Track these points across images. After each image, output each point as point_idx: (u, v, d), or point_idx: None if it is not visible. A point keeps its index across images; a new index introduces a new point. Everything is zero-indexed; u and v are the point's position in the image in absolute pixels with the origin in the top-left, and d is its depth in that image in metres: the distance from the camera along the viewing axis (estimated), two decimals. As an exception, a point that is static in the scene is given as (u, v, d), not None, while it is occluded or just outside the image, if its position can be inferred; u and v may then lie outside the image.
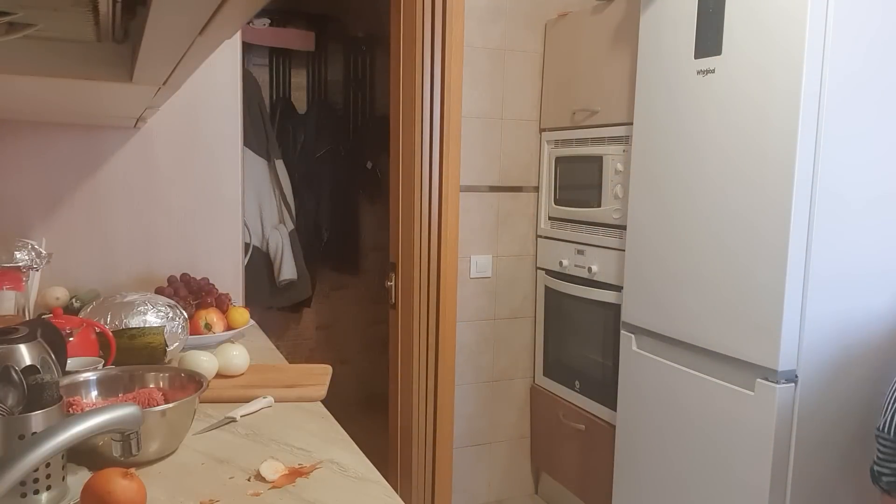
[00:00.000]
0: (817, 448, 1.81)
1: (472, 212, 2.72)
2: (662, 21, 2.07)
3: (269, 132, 3.35)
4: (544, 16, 2.75)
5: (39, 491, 0.93)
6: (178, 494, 1.04)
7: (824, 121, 1.69)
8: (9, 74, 0.93)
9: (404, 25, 2.61)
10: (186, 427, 1.21)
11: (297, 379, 1.55)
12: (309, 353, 3.99)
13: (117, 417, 0.83)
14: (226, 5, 0.56)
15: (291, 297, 3.49)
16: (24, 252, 1.68)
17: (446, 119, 2.59)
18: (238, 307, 1.95)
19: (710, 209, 1.92)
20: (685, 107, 1.99)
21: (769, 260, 1.75)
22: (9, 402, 0.91)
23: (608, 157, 2.41)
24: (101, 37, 0.84)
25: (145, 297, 1.67)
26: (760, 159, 1.77)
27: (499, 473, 2.94)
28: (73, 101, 1.37)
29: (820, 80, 1.68)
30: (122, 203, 2.05)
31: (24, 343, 0.94)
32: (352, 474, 1.13)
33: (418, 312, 2.69)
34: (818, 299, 1.74)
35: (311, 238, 3.67)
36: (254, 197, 3.27)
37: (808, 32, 1.65)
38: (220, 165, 2.15)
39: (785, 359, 1.74)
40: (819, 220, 1.72)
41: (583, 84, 2.56)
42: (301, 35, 3.57)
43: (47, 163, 1.97)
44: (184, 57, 0.79)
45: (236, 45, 2.14)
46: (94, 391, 1.24)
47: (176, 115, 2.04)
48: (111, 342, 1.46)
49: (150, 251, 2.08)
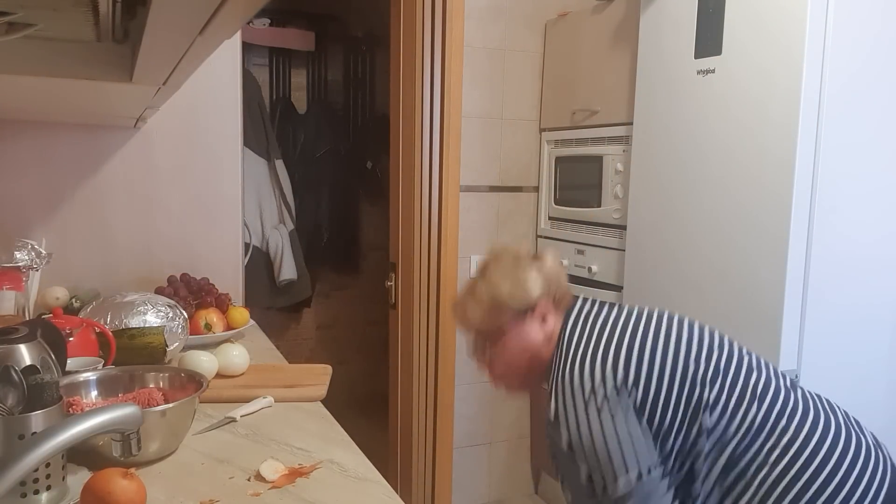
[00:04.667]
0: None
1: (472, 212, 2.72)
2: (662, 21, 2.07)
3: (269, 132, 3.35)
4: (544, 16, 2.74)
5: (39, 491, 0.93)
6: (178, 494, 1.04)
7: (824, 121, 1.69)
8: (9, 74, 0.93)
9: (404, 25, 2.61)
10: (186, 427, 1.21)
11: (296, 379, 1.55)
12: (309, 353, 3.98)
13: (117, 417, 0.83)
14: (226, 5, 0.56)
15: (291, 297, 3.49)
16: (24, 252, 1.67)
17: (446, 119, 2.59)
18: (238, 307, 1.95)
19: (710, 209, 1.92)
20: (685, 107, 1.99)
21: (769, 259, 1.75)
22: (9, 402, 0.91)
23: (608, 157, 2.41)
24: (101, 37, 0.84)
25: (145, 297, 1.67)
26: (760, 159, 1.77)
27: (498, 473, 2.94)
28: (73, 101, 1.37)
29: (820, 80, 1.68)
30: (122, 203, 2.05)
31: (24, 343, 0.94)
32: (352, 474, 1.13)
33: (418, 312, 2.69)
34: (819, 299, 1.74)
35: (311, 238, 3.67)
36: (254, 197, 3.27)
37: (809, 32, 1.65)
38: (220, 165, 2.15)
39: (785, 359, 1.74)
40: (819, 219, 1.72)
41: (583, 84, 2.56)
42: (301, 35, 3.57)
43: (47, 163, 1.97)
44: (184, 57, 0.80)
45: (236, 45, 2.14)
46: (94, 391, 1.24)
47: (176, 115, 2.03)
48: (111, 342, 1.46)
49: (150, 251, 2.08)
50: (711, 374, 1.18)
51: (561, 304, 1.31)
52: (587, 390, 1.16)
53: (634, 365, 1.17)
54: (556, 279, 1.30)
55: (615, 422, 1.14)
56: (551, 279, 1.29)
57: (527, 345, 1.28)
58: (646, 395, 1.16)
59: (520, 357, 1.30)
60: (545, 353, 1.29)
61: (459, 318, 1.35)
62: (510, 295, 1.26)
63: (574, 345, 1.23)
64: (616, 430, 1.14)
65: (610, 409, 1.15)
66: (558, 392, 1.20)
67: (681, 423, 1.16)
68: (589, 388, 1.16)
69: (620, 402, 1.15)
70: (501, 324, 1.28)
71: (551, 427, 1.22)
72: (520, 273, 1.28)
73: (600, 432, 1.14)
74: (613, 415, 1.15)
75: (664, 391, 1.16)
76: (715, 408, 1.16)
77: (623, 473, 1.13)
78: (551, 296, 1.29)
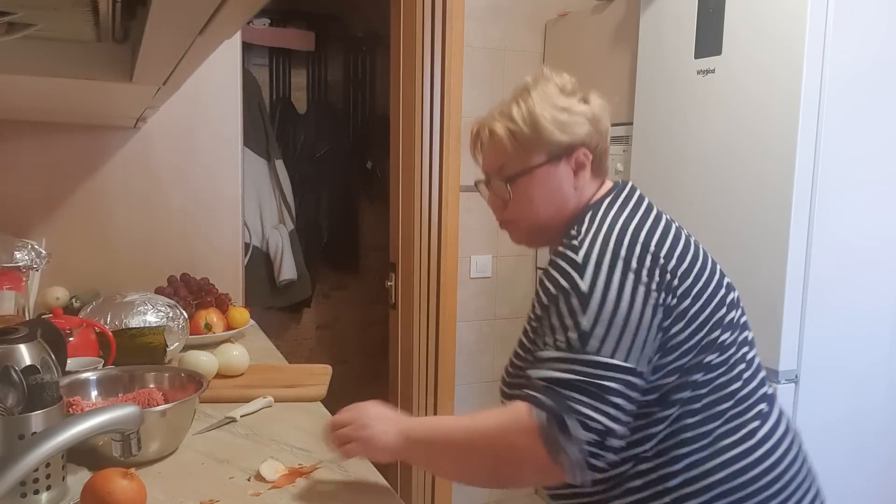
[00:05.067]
0: (817, 448, 1.81)
1: (472, 212, 2.72)
2: (663, 21, 2.07)
3: (268, 132, 3.35)
4: (544, 16, 2.74)
5: (39, 491, 0.93)
6: (178, 494, 1.04)
7: (824, 120, 1.69)
8: (9, 74, 0.93)
9: (404, 25, 2.61)
10: (186, 427, 1.21)
11: (296, 379, 1.55)
12: (309, 353, 3.98)
13: (117, 417, 0.83)
14: (225, 5, 0.56)
15: (291, 296, 3.49)
16: (24, 252, 1.67)
17: (446, 119, 2.59)
18: (238, 307, 1.95)
19: (710, 209, 1.92)
20: (685, 107, 1.99)
21: (769, 259, 1.75)
22: (9, 402, 0.91)
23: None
24: (101, 37, 0.84)
25: (145, 297, 1.67)
26: (761, 159, 1.77)
27: (499, 473, 2.94)
28: (73, 101, 1.37)
29: (820, 80, 1.68)
30: (122, 203, 2.05)
31: (24, 343, 0.94)
32: (352, 474, 1.13)
33: (418, 312, 2.68)
34: (819, 299, 1.74)
35: (311, 238, 3.67)
36: (254, 197, 3.27)
37: (809, 31, 1.65)
38: (220, 165, 2.15)
39: (786, 359, 1.74)
40: (819, 220, 1.72)
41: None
42: (301, 35, 3.57)
43: (47, 163, 1.97)
44: (184, 57, 0.80)
45: (236, 44, 2.14)
46: (94, 391, 1.24)
47: (176, 115, 2.03)
48: (111, 342, 1.46)
49: (150, 251, 2.08)
50: (738, 321, 1.05)
51: (600, 164, 1.12)
52: (622, 256, 0.97)
53: (677, 257, 1.00)
54: (603, 127, 1.12)
55: (634, 297, 0.95)
56: (599, 125, 1.10)
57: (553, 193, 1.08)
58: (684, 296, 0.98)
59: (542, 206, 1.09)
60: (569, 209, 1.09)
61: (484, 146, 1.12)
62: (554, 124, 1.06)
63: (612, 217, 1.03)
64: (631, 307, 0.94)
65: (638, 282, 0.95)
66: (579, 250, 0.99)
67: (690, 349, 0.99)
68: (625, 254, 0.97)
69: (652, 284, 0.96)
70: (531, 160, 1.07)
71: (537, 300, 1.02)
72: (567, 103, 1.09)
73: (614, 301, 0.94)
74: (635, 289, 0.95)
75: (700, 302, 1.00)
76: (722, 352, 1.01)
77: (608, 354, 0.92)
78: (594, 146, 1.09)
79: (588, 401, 0.90)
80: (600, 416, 0.89)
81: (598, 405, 0.90)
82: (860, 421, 1.84)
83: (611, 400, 0.90)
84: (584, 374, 0.91)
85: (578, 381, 0.91)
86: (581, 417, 0.89)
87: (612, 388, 0.91)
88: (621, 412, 0.91)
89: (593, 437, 0.89)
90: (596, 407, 0.90)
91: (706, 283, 1.02)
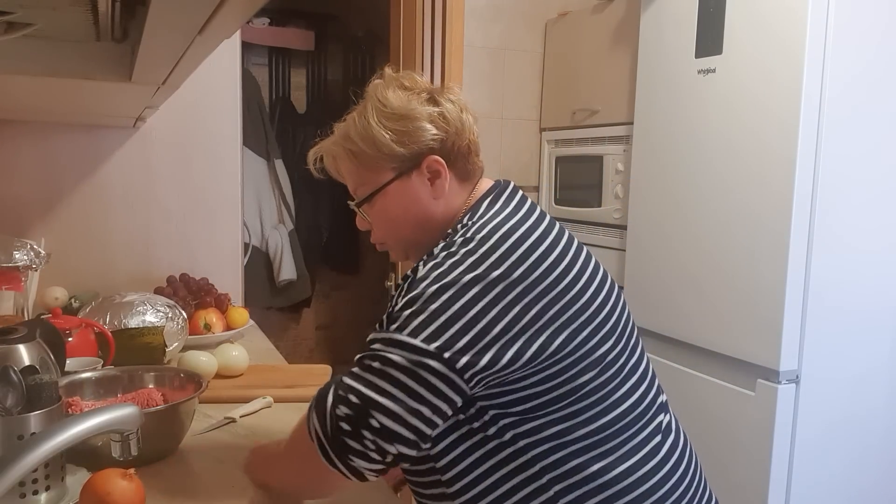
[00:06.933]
0: (818, 449, 1.81)
1: (471, 212, 2.72)
2: (663, 20, 2.07)
3: (268, 132, 3.35)
4: (544, 15, 2.74)
5: (39, 491, 0.93)
6: (177, 495, 1.04)
7: (825, 120, 1.69)
8: (8, 74, 0.93)
9: (404, 25, 2.60)
10: (186, 427, 1.21)
11: (296, 379, 1.55)
12: (308, 353, 3.98)
13: (116, 417, 0.83)
14: (225, 5, 0.55)
15: (291, 297, 3.49)
16: (23, 252, 1.67)
17: (446, 119, 2.58)
18: (237, 307, 1.95)
19: (710, 209, 1.92)
20: (686, 106, 1.99)
21: (770, 259, 1.75)
22: (8, 403, 0.90)
23: (608, 156, 2.41)
24: (100, 36, 0.84)
25: (144, 298, 1.67)
26: (761, 159, 1.77)
27: (499, 473, 2.94)
28: (72, 100, 1.36)
29: (821, 79, 1.67)
30: (121, 203, 2.04)
31: (23, 343, 0.93)
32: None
33: (418, 312, 2.68)
34: (819, 299, 1.74)
35: (310, 238, 3.67)
36: (253, 197, 3.27)
37: (809, 31, 1.65)
38: (220, 165, 2.15)
39: (786, 359, 1.74)
40: (820, 219, 1.71)
41: (583, 84, 2.56)
42: (301, 34, 3.57)
43: (46, 163, 1.96)
44: (183, 56, 0.79)
45: (235, 44, 2.14)
46: (93, 391, 1.24)
47: (175, 114, 2.03)
48: (110, 342, 1.46)
49: (150, 251, 2.08)
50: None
51: (465, 165, 1.00)
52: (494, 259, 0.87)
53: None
54: (461, 124, 1.00)
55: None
56: (453, 123, 0.99)
57: (410, 207, 0.99)
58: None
59: (402, 223, 1.01)
60: (437, 220, 0.99)
61: (336, 172, 1.05)
62: (392, 136, 0.96)
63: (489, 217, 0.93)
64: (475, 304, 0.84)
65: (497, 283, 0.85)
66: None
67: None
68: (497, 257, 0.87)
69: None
70: (380, 179, 0.98)
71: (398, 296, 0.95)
72: (406, 109, 0.97)
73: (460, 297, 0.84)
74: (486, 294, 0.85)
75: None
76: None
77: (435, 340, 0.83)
78: (448, 149, 0.98)
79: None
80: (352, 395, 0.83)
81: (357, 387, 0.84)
82: (861, 421, 1.84)
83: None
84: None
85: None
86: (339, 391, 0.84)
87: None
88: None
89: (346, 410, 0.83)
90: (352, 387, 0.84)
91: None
